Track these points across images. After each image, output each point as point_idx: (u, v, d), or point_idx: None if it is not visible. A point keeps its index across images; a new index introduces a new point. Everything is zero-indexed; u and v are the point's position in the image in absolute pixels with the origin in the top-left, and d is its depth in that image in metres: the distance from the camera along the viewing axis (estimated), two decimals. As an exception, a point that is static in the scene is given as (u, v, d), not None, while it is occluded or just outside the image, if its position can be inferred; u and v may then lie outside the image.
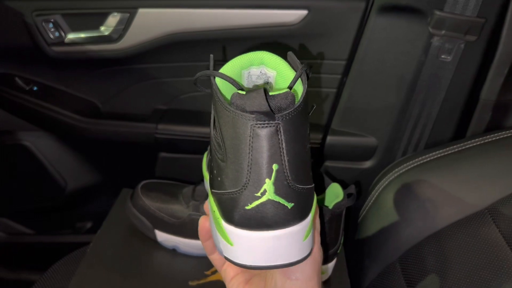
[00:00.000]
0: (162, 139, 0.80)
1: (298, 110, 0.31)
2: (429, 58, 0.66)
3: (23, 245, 0.99)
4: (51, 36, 0.73)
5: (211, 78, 0.34)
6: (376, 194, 0.66)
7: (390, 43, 0.67)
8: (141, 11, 0.70)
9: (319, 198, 0.58)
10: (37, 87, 0.82)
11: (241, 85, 0.37)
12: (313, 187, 0.35)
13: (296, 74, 0.33)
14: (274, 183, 0.31)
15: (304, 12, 0.68)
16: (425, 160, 0.63)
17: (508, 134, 0.61)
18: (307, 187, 0.33)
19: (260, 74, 0.37)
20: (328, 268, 0.57)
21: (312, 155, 0.35)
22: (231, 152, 0.32)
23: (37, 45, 0.74)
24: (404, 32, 0.66)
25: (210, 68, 0.35)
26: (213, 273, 0.59)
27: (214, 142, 0.34)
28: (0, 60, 0.80)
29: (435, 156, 0.63)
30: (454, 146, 0.63)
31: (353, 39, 0.70)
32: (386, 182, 0.65)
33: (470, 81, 0.68)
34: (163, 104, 0.83)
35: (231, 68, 0.36)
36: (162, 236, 0.61)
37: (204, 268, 0.59)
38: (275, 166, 0.31)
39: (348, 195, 0.54)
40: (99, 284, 0.53)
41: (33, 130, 0.88)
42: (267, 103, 0.30)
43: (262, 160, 0.31)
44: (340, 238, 0.57)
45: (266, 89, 0.31)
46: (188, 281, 0.57)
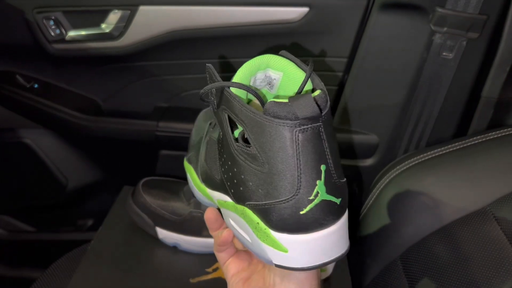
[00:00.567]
0: (163, 137, 0.80)
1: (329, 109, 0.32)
2: (431, 55, 0.66)
3: (24, 243, 0.99)
4: (52, 34, 0.73)
5: (226, 90, 0.33)
6: (378, 192, 0.66)
7: (392, 40, 0.67)
8: (142, 8, 0.70)
9: None
10: (38, 84, 0.82)
11: (257, 92, 0.36)
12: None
13: (306, 75, 0.34)
14: (325, 183, 0.32)
15: (305, 10, 0.68)
16: (426, 158, 0.63)
17: (510, 132, 0.61)
18: (344, 179, 0.34)
19: (265, 77, 0.37)
20: (328, 266, 0.57)
21: None
22: (275, 161, 0.31)
23: (38, 43, 0.74)
24: (405, 30, 0.66)
25: (216, 79, 0.34)
26: (214, 270, 0.59)
27: (239, 154, 0.33)
28: (1, 58, 0.80)
29: (436, 154, 0.63)
30: (456, 143, 0.63)
31: (354, 36, 0.70)
32: (387, 180, 0.65)
33: (471, 79, 0.68)
34: (164, 101, 0.83)
35: (241, 76, 0.35)
36: (163, 233, 0.62)
37: (205, 266, 0.59)
38: (323, 167, 0.31)
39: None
40: (100, 281, 0.53)
41: (34, 128, 0.88)
42: (318, 107, 0.30)
43: (311, 163, 0.31)
44: None
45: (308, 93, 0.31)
46: (189, 278, 0.57)
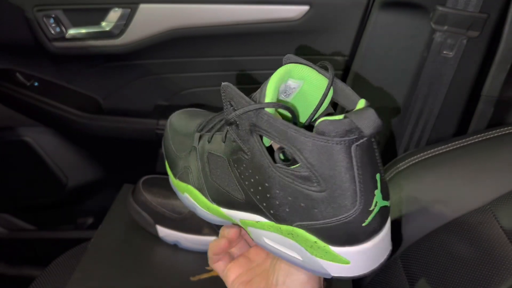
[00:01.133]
0: (163, 135, 0.80)
1: None
2: (431, 54, 0.66)
3: (24, 241, 0.99)
4: (52, 32, 0.73)
5: (262, 112, 0.32)
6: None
7: (392, 39, 0.67)
8: (142, 6, 0.70)
9: None
10: (38, 82, 0.82)
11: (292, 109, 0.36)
12: None
13: (328, 81, 0.34)
14: (381, 191, 0.32)
15: (305, 8, 0.68)
16: (426, 156, 0.63)
17: (510, 130, 0.61)
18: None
19: (285, 87, 0.36)
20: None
21: None
22: (334, 180, 0.30)
23: (38, 41, 0.74)
24: (406, 28, 0.66)
25: (242, 100, 0.33)
26: (214, 268, 0.59)
27: (284, 177, 0.32)
28: (1, 56, 0.80)
29: (437, 152, 0.63)
30: (456, 142, 0.63)
31: (354, 35, 0.70)
32: (387, 179, 0.65)
33: (472, 77, 0.68)
34: (164, 100, 0.83)
35: (272, 94, 0.33)
36: (163, 232, 0.62)
37: (205, 264, 0.59)
38: (378, 176, 0.31)
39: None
40: (101, 279, 0.53)
41: (34, 126, 0.88)
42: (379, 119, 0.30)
43: (369, 174, 0.31)
44: None
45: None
46: (189, 277, 0.57)
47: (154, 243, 0.62)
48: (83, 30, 0.73)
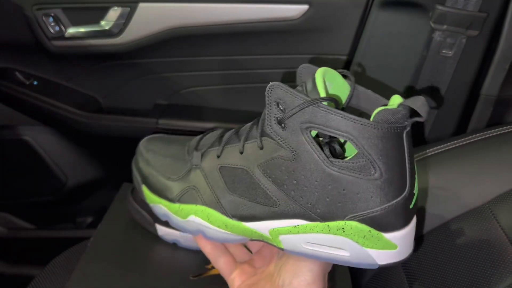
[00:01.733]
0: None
1: None
2: (431, 53, 0.66)
3: (23, 240, 0.99)
4: (52, 31, 0.73)
5: (318, 106, 0.33)
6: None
7: (392, 38, 0.67)
8: (141, 5, 0.70)
9: None
10: (37, 81, 0.82)
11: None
12: None
13: (351, 87, 0.38)
14: (417, 175, 0.35)
15: (305, 7, 0.68)
16: (425, 155, 0.63)
17: (510, 129, 0.61)
18: None
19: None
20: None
21: None
22: (389, 166, 0.33)
23: (38, 39, 0.74)
24: (405, 27, 0.66)
25: (295, 96, 0.34)
26: (213, 267, 0.59)
27: (339, 170, 0.33)
28: (0, 54, 0.80)
29: (436, 151, 0.63)
30: (455, 141, 0.63)
31: (354, 34, 0.70)
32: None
33: (471, 77, 0.68)
34: (164, 99, 0.83)
35: (324, 88, 0.35)
36: (162, 230, 0.61)
37: (205, 262, 0.59)
38: (414, 162, 0.34)
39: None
40: (100, 278, 0.53)
41: (34, 125, 0.88)
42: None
43: (411, 158, 0.34)
44: None
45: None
46: (189, 275, 0.57)
47: (154, 242, 0.62)
48: (83, 29, 0.73)
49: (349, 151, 0.38)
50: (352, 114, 0.32)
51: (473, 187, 0.56)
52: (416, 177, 0.35)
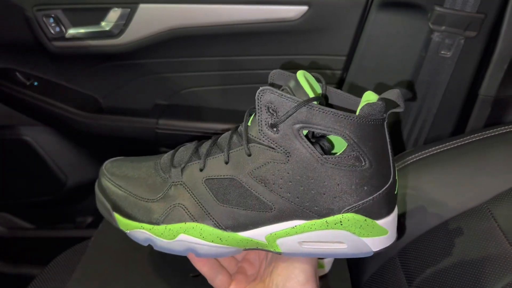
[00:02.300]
0: (162, 134, 0.81)
1: None
2: (429, 53, 0.66)
3: (23, 240, 0.99)
4: (52, 31, 0.73)
5: (310, 106, 0.34)
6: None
7: (391, 38, 0.67)
8: (142, 6, 0.70)
9: None
10: (38, 82, 0.82)
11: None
12: None
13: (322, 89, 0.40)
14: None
15: (304, 8, 0.68)
16: (424, 155, 0.63)
17: (507, 130, 0.61)
18: None
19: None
20: (325, 263, 0.57)
21: None
22: (377, 156, 0.35)
23: (38, 40, 0.74)
24: (404, 28, 0.66)
25: (286, 98, 0.34)
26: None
27: (335, 165, 0.35)
28: (0, 55, 0.80)
29: (434, 151, 0.63)
30: (454, 141, 0.63)
31: (353, 34, 0.70)
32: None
33: (469, 77, 0.69)
34: (164, 99, 0.83)
35: (310, 89, 0.36)
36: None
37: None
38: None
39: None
40: (101, 278, 0.54)
41: (34, 125, 0.88)
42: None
43: (392, 146, 0.36)
44: None
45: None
46: (189, 274, 0.57)
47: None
48: (83, 30, 0.73)
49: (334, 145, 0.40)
50: None
51: (472, 187, 0.56)
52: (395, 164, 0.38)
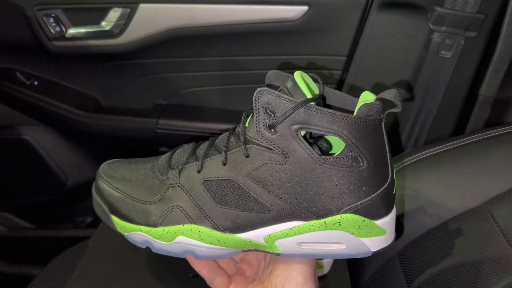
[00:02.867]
0: (162, 134, 0.81)
1: None
2: (429, 54, 0.66)
3: (23, 239, 0.99)
4: (52, 31, 0.73)
5: (307, 106, 0.34)
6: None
7: (391, 39, 0.67)
8: (142, 6, 0.70)
9: None
10: (38, 81, 0.82)
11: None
12: None
13: (319, 89, 0.39)
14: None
15: (304, 8, 0.68)
16: (424, 156, 0.63)
17: (507, 130, 0.61)
18: None
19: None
20: (324, 263, 0.57)
21: None
22: (375, 156, 0.35)
23: (38, 40, 0.74)
24: (404, 28, 0.66)
25: (284, 100, 0.34)
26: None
27: (333, 165, 0.34)
28: (1, 54, 0.80)
29: (434, 152, 0.63)
30: (454, 142, 0.63)
31: (353, 35, 0.70)
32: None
33: (469, 78, 0.69)
34: (164, 99, 0.83)
35: (308, 90, 0.36)
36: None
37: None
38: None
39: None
40: (101, 277, 0.54)
41: (34, 125, 0.88)
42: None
43: (390, 146, 0.36)
44: None
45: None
46: (189, 274, 0.57)
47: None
48: (83, 30, 0.73)
49: (332, 145, 0.40)
50: None
51: (472, 187, 0.56)
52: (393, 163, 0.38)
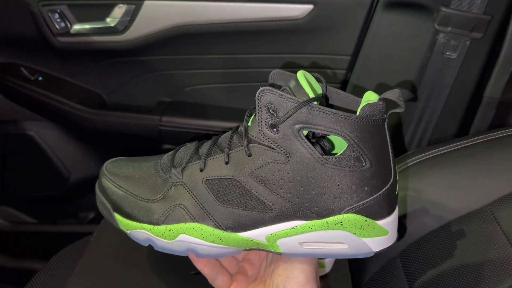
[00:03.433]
0: (166, 131, 0.81)
1: None
2: (434, 54, 0.66)
3: (26, 234, 1.00)
4: (57, 27, 0.73)
5: (310, 106, 0.34)
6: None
7: (396, 39, 0.67)
8: (147, 3, 0.70)
9: None
10: (42, 77, 0.82)
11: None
12: None
13: (322, 89, 0.39)
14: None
15: (309, 7, 0.68)
16: (427, 157, 0.63)
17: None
18: None
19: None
20: (326, 262, 0.57)
21: None
22: (378, 156, 0.35)
23: (43, 35, 0.74)
24: (409, 28, 0.66)
25: (286, 99, 0.34)
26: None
27: (335, 165, 0.34)
28: (6, 50, 0.80)
29: (438, 153, 0.63)
30: (457, 143, 0.63)
31: (358, 34, 0.70)
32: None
33: (474, 79, 0.68)
34: (168, 96, 0.83)
35: (310, 89, 0.36)
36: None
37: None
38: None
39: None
40: (103, 273, 0.54)
41: (38, 120, 0.88)
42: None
43: (391, 147, 0.36)
44: None
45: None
46: (191, 271, 0.57)
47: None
48: (88, 26, 0.73)
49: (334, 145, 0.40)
50: None
51: (475, 189, 0.56)
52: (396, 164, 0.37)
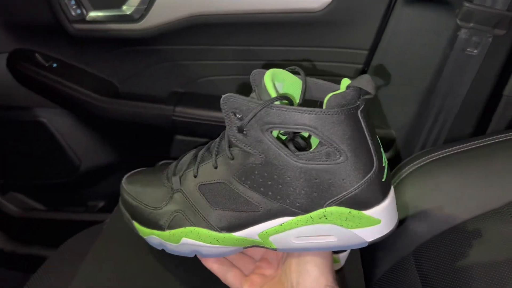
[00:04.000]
0: (179, 122, 0.80)
1: None
2: (455, 51, 0.65)
3: (35, 220, 1.00)
4: (73, 13, 0.73)
5: (272, 106, 0.34)
6: (393, 186, 0.65)
7: (415, 34, 0.66)
8: (163, -9, 0.70)
9: None
10: (57, 64, 0.82)
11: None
12: None
13: (302, 81, 0.39)
14: (383, 148, 0.36)
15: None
16: (444, 155, 0.62)
17: (532, 132, 0.60)
18: None
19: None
20: (340, 257, 0.57)
21: None
22: (353, 147, 0.34)
23: (59, 22, 0.74)
24: (430, 24, 0.65)
25: (247, 102, 0.35)
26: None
27: (307, 161, 0.35)
28: (21, 36, 0.80)
29: (454, 151, 0.62)
30: (474, 142, 0.62)
31: (377, 28, 0.69)
32: (403, 175, 0.64)
33: (494, 76, 0.67)
34: (181, 87, 0.83)
35: (274, 90, 0.36)
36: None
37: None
38: (377, 135, 0.36)
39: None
40: (115, 259, 0.54)
41: (51, 107, 0.88)
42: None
43: (373, 135, 0.35)
44: None
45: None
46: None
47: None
48: (104, 13, 0.73)
49: (315, 141, 0.40)
50: (310, 106, 0.34)
51: (491, 189, 0.55)
52: (382, 150, 0.37)
